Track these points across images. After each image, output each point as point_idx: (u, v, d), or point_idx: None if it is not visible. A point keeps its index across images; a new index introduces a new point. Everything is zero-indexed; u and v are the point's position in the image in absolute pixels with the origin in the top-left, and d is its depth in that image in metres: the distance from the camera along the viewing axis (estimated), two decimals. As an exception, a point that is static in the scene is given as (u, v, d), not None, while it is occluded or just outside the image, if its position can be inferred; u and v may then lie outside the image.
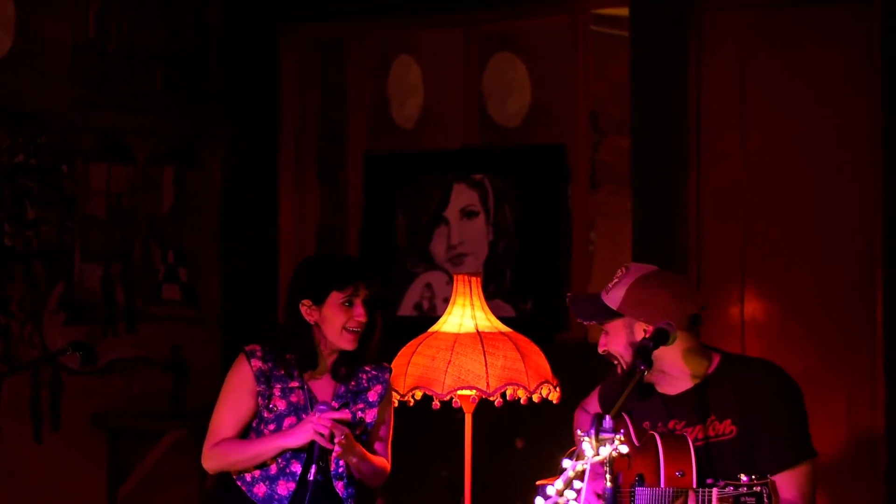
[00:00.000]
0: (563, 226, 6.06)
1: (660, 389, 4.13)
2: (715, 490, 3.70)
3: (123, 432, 6.21)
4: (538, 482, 4.17)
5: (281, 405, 4.57)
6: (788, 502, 3.91)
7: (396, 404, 4.92)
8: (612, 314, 4.08)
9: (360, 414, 4.60)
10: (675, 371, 4.08)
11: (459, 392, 4.87)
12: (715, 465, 3.97)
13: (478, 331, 4.96)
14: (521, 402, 4.91)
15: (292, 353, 4.58)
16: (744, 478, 3.67)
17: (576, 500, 3.56)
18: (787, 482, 3.93)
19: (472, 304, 5.05)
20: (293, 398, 4.58)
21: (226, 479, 4.63)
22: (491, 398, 4.87)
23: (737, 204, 5.76)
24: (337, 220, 6.61)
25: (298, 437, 4.45)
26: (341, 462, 4.57)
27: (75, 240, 6.19)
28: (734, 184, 5.77)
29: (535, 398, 4.91)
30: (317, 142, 6.65)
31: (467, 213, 6.28)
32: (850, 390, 5.42)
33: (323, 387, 4.63)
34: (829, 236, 5.60)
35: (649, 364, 3.92)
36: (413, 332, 5.12)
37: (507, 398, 4.89)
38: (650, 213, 5.81)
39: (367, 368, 4.66)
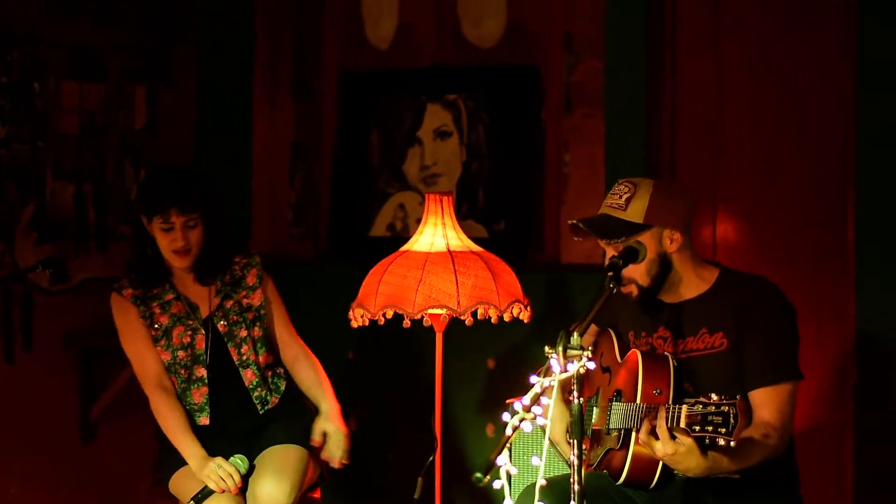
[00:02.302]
0: (536, 147, 6.04)
1: (663, 300, 4.15)
2: (684, 407, 3.73)
3: (95, 352, 6.20)
4: (507, 400, 4.19)
5: (164, 320, 4.71)
6: (765, 421, 3.94)
7: (366, 323, 4.94)
8: (639, 228, 4.07)
9: (245, 301, 4.74)
10: (681, 284, 4.11)
11: (430, 311, 4.89)
12: (701, 379, 4.00)
13: (449, 250, 4.97)
14: (492, 321, 4.93)
15: (144, 266, 4.71)
16: (714, 397, 3.69)
17: (542, 416, 3.56)
18: (767, 399, 3.97)
19: (444, 224, 5.05)
20: (174, 310, 4.71)
21: None
22: (462, 317, 4.89)
23: (710, 126, 5.76)
24: (311, 137, 6.58)
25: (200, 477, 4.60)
26: (244, 349, 4.70)
27: (47, 158, 6.15)
28: (707, 107, 5.76)
29: (506, 317, 4.93)
30: (291, 59, 6.61)
31: (440, 134, 6.25)
32: (820, 308, 5.45)
33: (197, 291, 4.77)
34: (802, 157, 5.60)
35: (619, 282, 3.94)
36: (385, 252, 5.13)
37: (478, 317, 4.91)
38: (623, 136, 5.80)
39: (236, 260, 4.80)
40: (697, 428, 3.68)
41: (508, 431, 3.57)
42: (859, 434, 5.42)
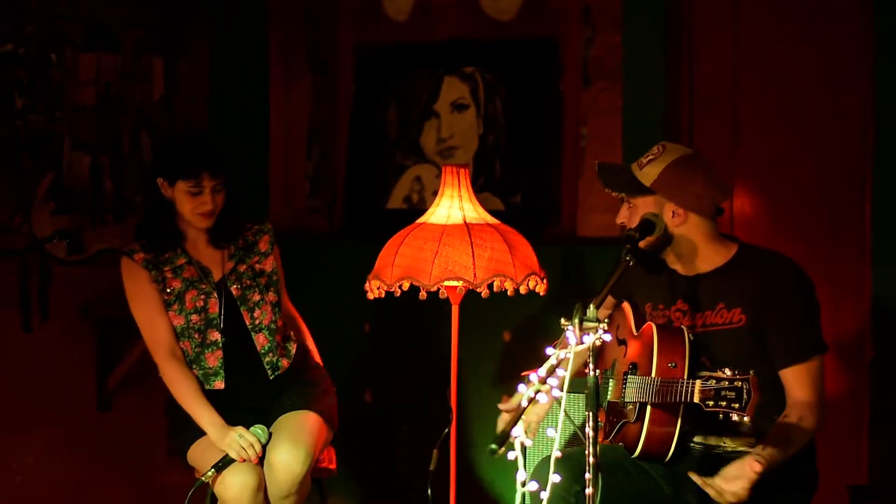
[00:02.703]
0: (554, 120, 6.03)
1: (677, 271, 4.15)
2: (698, 382, 3.74)
3: (112, 322, 6.21)
4: (523, 373, 4.19)
5: (176, 284, 4.72)
6: (801, 400, 3.96)
7: (383, 294, 4.94)
8: (643, 190, 4.07)
9: (258, 266, 4.77)
10: (694, 256, 4.10)
11: (446, 283, 4.89)
12: (717, 353, 4.00)
13: (465, 222, 4.97)
14: (508, 293, 4.92)
15: (157, 230, 4.71)
16: (727, 372, 3.69)
17: (557, 387, 3.56)
18: (798, 377, 3.99)
19: (461, 196, 5.05)
20: (186, 274, 4.72)
21: None
22: (478, 289, 4.88)
23: (728, 99, 5.74)
24: (327, 110, 6.57)
25: (220, 447, 4.61)
26: (256, 313, 4.73)
27: (64, 129, 6.15)
28: (725, 80, 5.74)
29: (522, 290, 4.92)
30: (307, 31, 6.60)
31: (457, 106, 6.24)
32: (837, 282, 5.44)
33: (210, 255, 4.78)
34: (820, 130, 5.59)
35: (635, 255, 3.94)
36: (402, 224, 5.13)
37: (494, 289, 4.91)
38: (641, 110, 5.79)
39: (248, 226, 4.84)
40: (711, 403, 3.69)
41: (524, 403, 3.57)
42: (875, 409, 5.41)
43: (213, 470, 4.54)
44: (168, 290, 4.74)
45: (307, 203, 6.60)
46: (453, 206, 5.03)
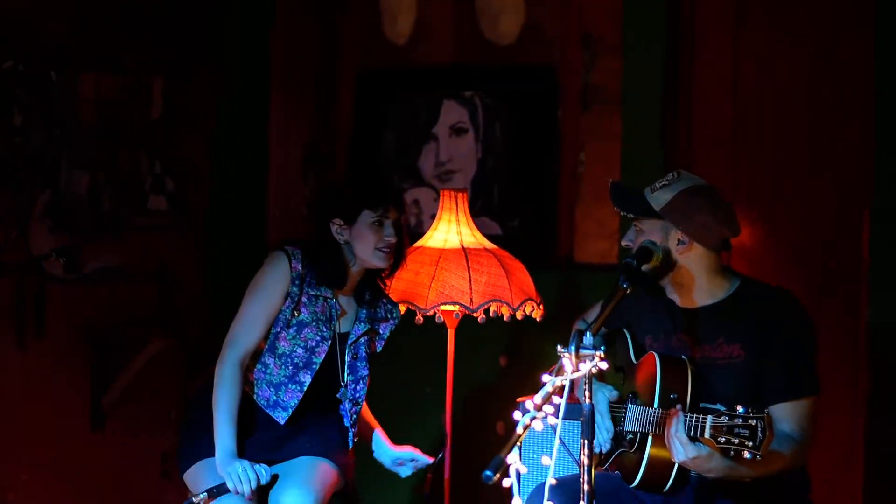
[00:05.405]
0: (552, 145, 6.03)
1: (676, 301, 4.14)
2: (710, 418, 3.71)
3: (107, 341, 6.20)
4: (518, 399, 4.18)
5: (304, 312, 4.59)
6: (786, 434, 3.93)
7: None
8: (652, 213, 4.07)
9: (372, 343, 4.67)
10: (693, 287, 4.09)
11: (443, 307, 4.89)
12: (715, 387, 3.99)
13: (463, 246, 4.97)
14: (505, 318, 4.92)
15: (321, 269, 4.59)
16: (740, 409, 3.67)
17: (553, 415, 3.55)
18: (787, 414, 3.96)
19: (458, 220, 5.05)
20: (318, 308, 4.60)
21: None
22: (474, 314, 4.88)
23: (727, 128, 5.74)
24: (326, 133, 6.58)
25: (221, 472, 4.49)
26: (358, 387, 4.63)
27: (62, 147, 6.14)
28: (725, 108, 5.75)
29: (519, 315, 4.92)
30: (308, 52, 6.61)
31: (456, 130, 6.25)
32: (832, 321, 5.43)
33: (346, 305, 4.67)
34: (821, 157, 5.59)
35: (633, 282, 3.93)
36: (399, 247, 5.11)
37: (491, 315, 4.91)
38: (640, 135, 5.79)
39: (384, 300, 4.72)
40: (723, 440, 3.67)
41: (519, 430, 3.56)
42: (870, 445, 5.40)
43: (205, 493, 4.49)
44: (294, 313, 4.63)
45: (305, 226, 6.58)
46: (451, 230, 5.03)
